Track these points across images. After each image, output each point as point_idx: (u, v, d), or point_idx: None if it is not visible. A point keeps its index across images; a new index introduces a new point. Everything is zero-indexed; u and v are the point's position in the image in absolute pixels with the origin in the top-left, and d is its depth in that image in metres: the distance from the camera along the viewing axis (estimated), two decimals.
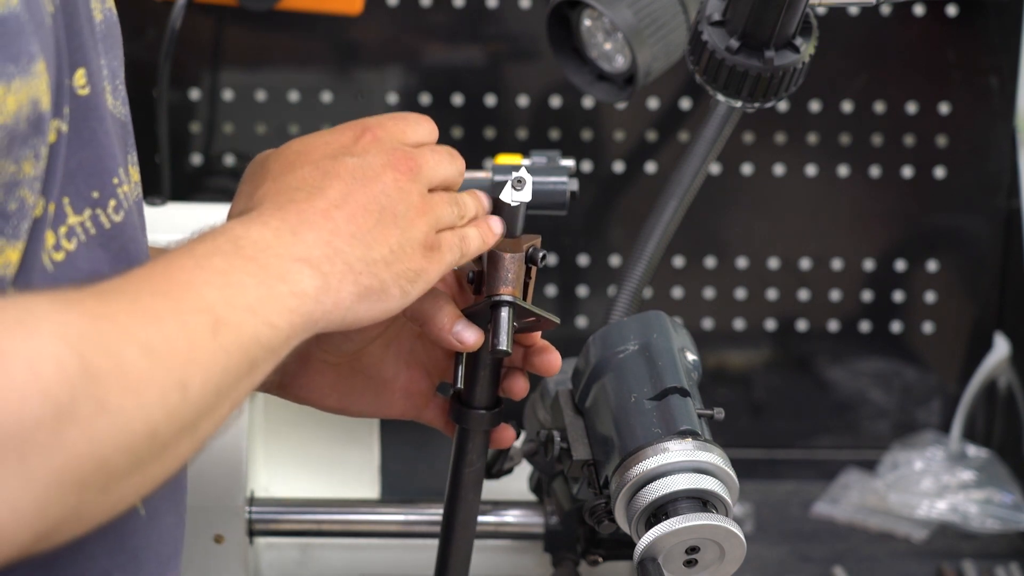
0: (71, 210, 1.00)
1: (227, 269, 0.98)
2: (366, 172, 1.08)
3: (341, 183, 1.07)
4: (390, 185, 1.08)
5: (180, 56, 1.86)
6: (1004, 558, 1.87)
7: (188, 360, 0.92)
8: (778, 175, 1.99)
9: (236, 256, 0.99)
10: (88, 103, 1.01)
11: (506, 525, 1.52)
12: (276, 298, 0.99)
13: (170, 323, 0.92)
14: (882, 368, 2.05)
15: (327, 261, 1.03)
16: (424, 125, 1.17)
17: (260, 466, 1.60)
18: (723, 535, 1.17)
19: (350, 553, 1.59)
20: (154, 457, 0.90)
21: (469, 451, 1.24)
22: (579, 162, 1.96)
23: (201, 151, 1.97)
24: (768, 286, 2.03)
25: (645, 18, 1.61)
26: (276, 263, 1.00)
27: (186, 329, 0.92)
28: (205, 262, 0.98)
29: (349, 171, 1.08)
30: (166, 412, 0.90)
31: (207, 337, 0.93)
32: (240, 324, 0.96)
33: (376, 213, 1.07)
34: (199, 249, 0.99)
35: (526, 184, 1.17)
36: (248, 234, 1.01)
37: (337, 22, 1.90)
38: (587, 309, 2.02)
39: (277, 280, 0.99)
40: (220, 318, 0.94)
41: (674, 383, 1.24)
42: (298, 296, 1.00)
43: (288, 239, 1.02)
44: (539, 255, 1.19)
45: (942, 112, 1.97)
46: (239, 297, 0.97)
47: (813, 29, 1.35)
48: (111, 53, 1.07)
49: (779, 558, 1.89)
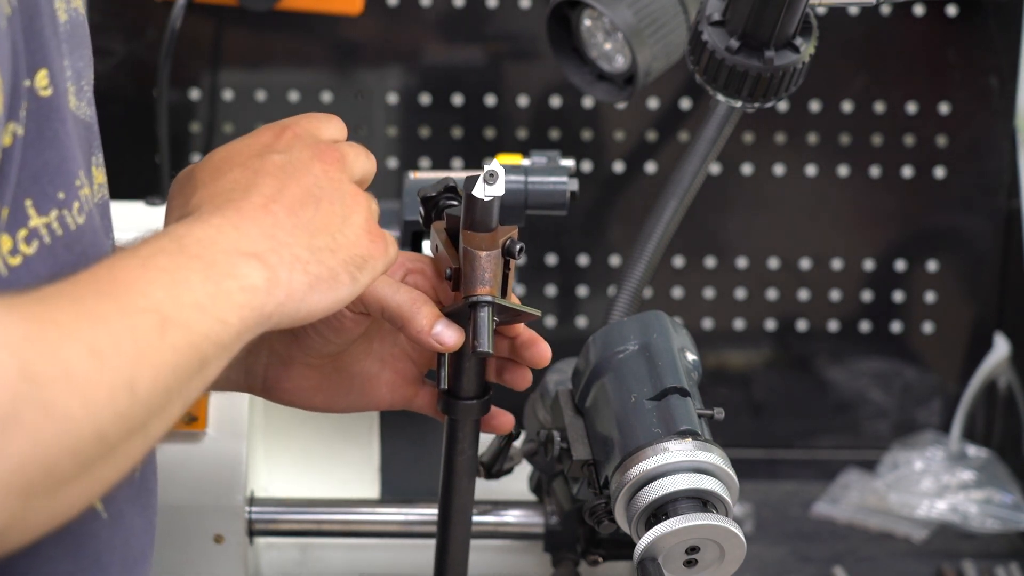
0: (34, 212, 0.99)
1: (172, 267, 0.97)
2: (295, 166, 1.08)
3: (273, 179, 1.07)
4: (320, 176, 1.08)
5: (180, 56, 1.86)
6: (1004, 558, 1.87)
7: (136, 360, 0.91)
8: (778, 175, 1.99)
9: (181, 254, 0.98)
10: (51, 104, 0.99)
11: (506, 525, 1.52)
12: (225, 294, 0.98)
13: (116, 324, 0.91)
14: (882, 368, 2.05)
15: (273, 253, 1.02)
16: (335, 123, 1.18)
17: (260, 466, 1.60)
18: (723, 535, 1.17)
19: (350, 553, 1.59)
20: (103, 459, 0.89)
21: (460, 440, 1.24)
22: (579, 162, 1.96)
23: (201, 151, 1.97)
24: (768, 286, 2.03)
25: (645, 18, 1.61)
26: (222, 259, 0.99)
27: (133, 329, 0.91)
28: (150, 262, 0.96)
29: (278, 167, 1.08)
30: (115, 413, 0.89)
31: (155, 336, 0.92)
32: (189, 322, 0.95)
33: (313, 203, 1.07)
34: (143, 250, 0.98)
35: (498, 178, 1.15)
36: (191, 232, 1.00)
37: (337, 22, 1.90)
38: (587, 309, 2.02)
39: (224, 276, 0.99)
40: (168, 317, 0.93)
41: (674, 383, 1.24)
42: (248, 291, 0.99)
43: (231, 234, 1.02)
44: (516, 248, 1.17)
45: (942, 112, 1.97)
46: (186, 295, 0.96)
47: (813, 29, 1.35)
48: (76, 54, 1.05)
49: (779, 558, 1.89)
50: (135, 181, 1.90)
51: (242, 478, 1.51)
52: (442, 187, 1.24)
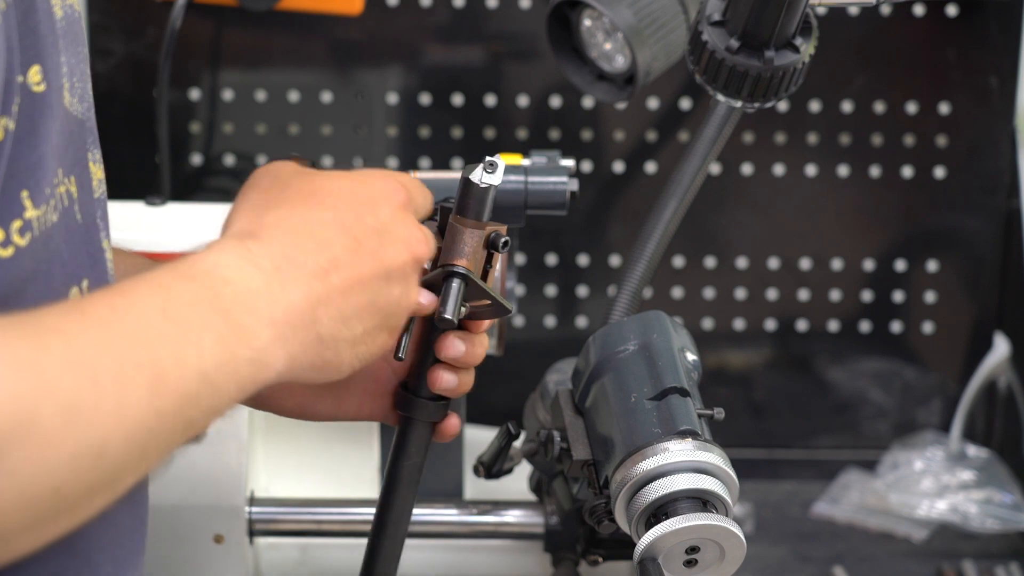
0: (31, 203, 0.97)
1: (193, 323, 0.94)
2: (383, 245, 1.05)
3: (353, 246, 1.04)
4: (397, 268, 1.06)
5: (180, 56, 1.86)
6: (1004, 558, 1.87)
7: (113, 423, 0.88)
8: (778, 175, 1.99)
9: (210, 307, 0.95)
10: (44, 100, 0.98)
11: (506, 525, 1.52)
12: (232, 362, 0.96)
13: (104, 380, 0.88)
14: (882, 368, 2.05)
15: (302, 330, 1.00)
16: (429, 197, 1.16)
17: (260, 466, 1.60)
18: (723, 535, 1.17)
19: (350, 553, 1.59)
20: (58, 515, 0.87)
21: (410, 442, 1.22)
22: (579, 162, 1.96)
23: (201, 151, 1.97)
24: (768, 286, 2.03)
25: (645, 18, 1.61)
26: (250, 322, 0.97)
27: (120, 389, 0.88)
28: (173, 310, 0.94)
29: (366, 235, 1.05)
30: (75, 473, 0.86)
31: (142, 398, 0.89)
32: (183, 386, 0.92)
33: (372, 292, 1.04)
34: (175, 290, 0.95)
35: (498, 168, 1.15)
36: (237, 279, 0.98)
37: (337, 22, 1.90)
38: (587, 309, 2.02)
39: (241, 344, 0.96)
40: (163, 378, 0.91)
41: (674, 383, 1.24)
42: (256, 364, 0.97)
43: (275, 293, 0.99)
44: (501, 240, 1.16)
45: (942, 112, 1.97)
46: (193, 358, 0.93)
47: (813, 29, 1.35)
48: (71, 50, 1.04)
49: (779, 558, 1.89)
50: (135, 181, 1.90)
51: (242, 478, 1.51)
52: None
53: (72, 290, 1.03)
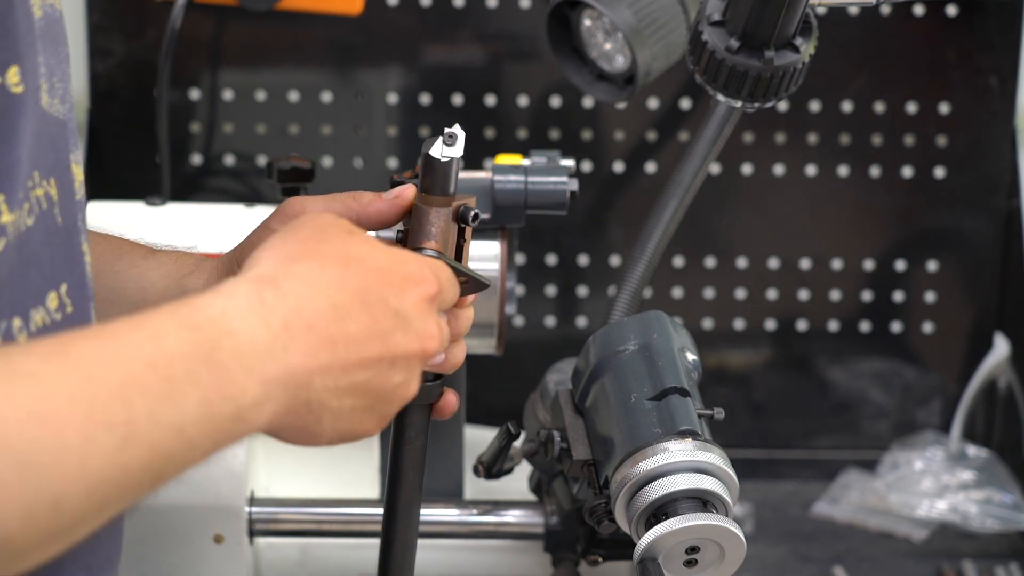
0: (6, 207, 0.95)
1: (180, 379, 0.90)
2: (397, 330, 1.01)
3: (369, 325, 1.00)
4: (403, 357, 1.02)
5: (180, 56, 1.86)
6: (1004, 558, 1.87)
7: (74, 476, 0.85)
8: (778, 175, 1.99)
9: (204, 362, 0.92)
10: (22, 101, 0.96)
11: (506, 525, 1.52)
12: (211, 419, 0.92)
13: (70, 433, 0.85)
14: (882, 368, 2.05)
15: (292, 393, 0.96)
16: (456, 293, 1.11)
17: (260, 466, 1.60)
18: (723, 535, 1.17)
19: (350, 553, 1.59)
20: (9, 563, 0.85)
21: (408, 427, 1.18)
22: (579, 162, 1.96)
23: (201, 151, 1.97)
24: (768, 286, 2.03)
25: (645, 18, 1.61)
26: (241, 379, 0.93)
27: (86, 443, 0.85)
28: (163, 364, 0.90)
29: (385, 317, 1.01)
30: (28, 526, 0.84)
31: (108, 453, 0.86)
32: (155, 443, 0.89)
33: (372, 374, 1.01)
34: (171, 340, 0.91)
35: (458, 139, 1.11)
36: (241, 332, 0.94)
37: (337, 22, 1.90)
38: (587, 309, 2.02)
39: (227, 402, 0.92)
40: (135, 434, 0.87)
41: (674, 383, 1.24)
42: (237, 421, 0.93)
43: (278, 352, 0.95)
44: (470, 213, 1.13)
45: (942, 112, 1.97)
46: (172, 414, 0.90)
47: (813, 29, 1.35)
48: (51, 50, 1.02)
49: (779, 558, 1.89)
50: (135, 181, 1.90)
51: (242, 478, 1.51)
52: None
53: (50, 294, 1.01)
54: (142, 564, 1.50)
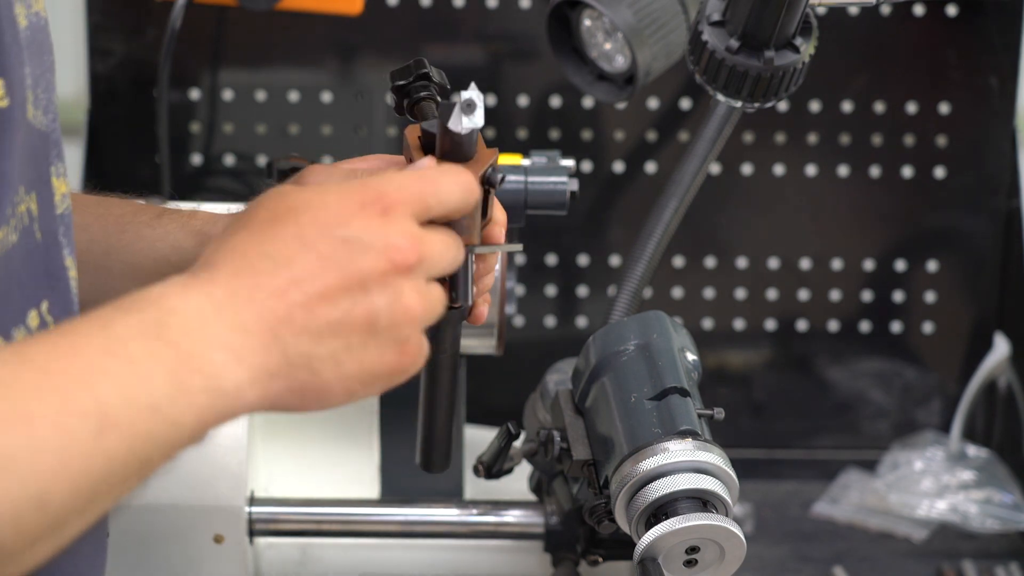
0: None
1: (140, 357, 0.88)
2: (352, 254, 0.95)
3: (319, 265, 0.94)
4: (374, 277, 0.95)
5: (180, 56, 1.86)
6: (1004, 558, 1.87)
7: (55, 471, 0.84)
8: (778, 175, 1.99)
9: (156, 340, 0.89)
10: (7, 115, 0.94)
11: (506, 525, 1.52)
12: (186, 394, 0.89)
13: (44, 428, 0.83)
14: (882, 368, 2.05)
15: (262, 351, 0.92)
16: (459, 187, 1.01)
17: (260, 466, 1.60)
18: (723, 535, 1.18)
19: (350, 553, 1.59)
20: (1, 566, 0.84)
21: (442, 339, 1.16)
22: (579, 162, 1.96)
23: (201, 151, 1.97)
24: (768, 286, 2.02)
25: (645, 18, 1.61)
26: (199, 351, 0.90)
27: (61, 435, 0.84)
28: (117, 347, 0.88)
29: (334, 251, 0.95)
30: (16, 528, 0.83)
31: (86, 442, 0.85)
32: (133, 424, 0.87)
33: (345, 305, 0.94)
34: (118, 326, 0.89)
35: (477, 107, 1.04)
36: (184, 308, 0.91)
37: (337, 22, 1.90)
38: (587, 309, 2.02)
39: (192, 372, 0.89)
40: (110, 418, 0.86)
41: (674, 383, 1.24)
42: (214, 392, 0.90)
43: (226, 321, 0.91)
44: (497, 177, 1.07)
45: (942, 112, 1.97)
46: (142, 394, 0.87)
47: (813, 29, 1.35)
48: (36, 60, 1.00)
49: (779, 558, 1.88)
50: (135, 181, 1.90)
51: (242, 478, 1.51)
52: (413, 75, 1.15)
53: (30, 313, 0.99)
54: (142, 564, 1.50)
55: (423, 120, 1.13)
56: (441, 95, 1.16)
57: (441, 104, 1.07)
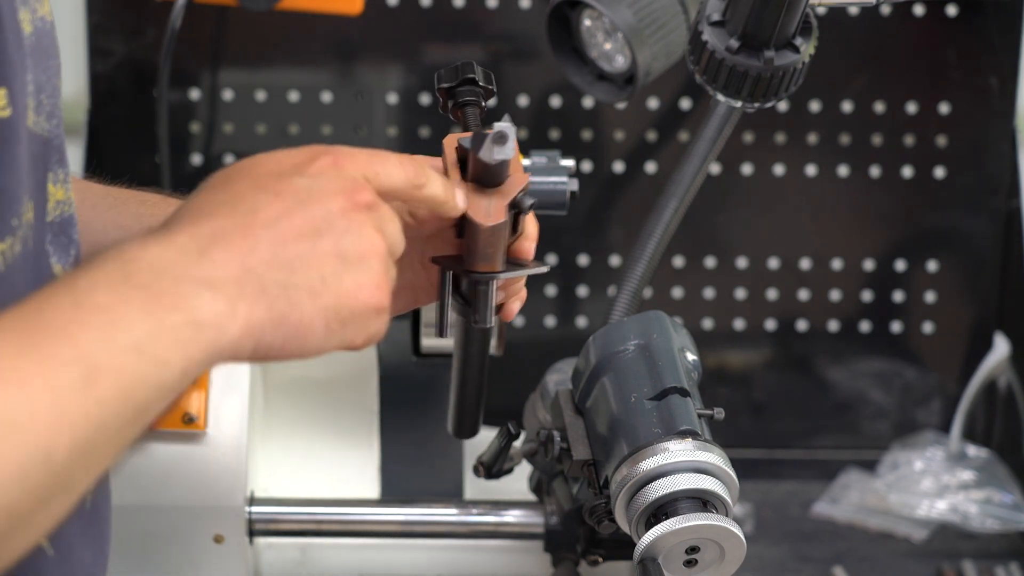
0: None
1: (110, 303, 0.88)
2: (311, 194, 0.96)
3: (278, 202, 0.95)
4: (336, 211, 0.96)
5: (180, 56, 1.86)
6: (1004, 558, 1.87)
7: (53, 424, 0.83)
8: (778, 175, 1.99)
9: (124, 284, 0.89)
10: (10, 125, 0.93)
11: (506, 525, 1.52)
12: (168, 331, 0.88)
13: (33, 385, 0.83)
14: (882, 368, 2.05)
15: (235, 283, 0.91)
16: (402, 169, 1.04)
17: (260, 466, 1.60)
18: (723, 535, 1.17)
19: (350, 553, 1.59)
20: (16, 532, 0.84)
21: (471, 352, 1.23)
22: (579, 162, 1.96)
23: (201, 151, 1.97)
24: (768, 286, 2.03)
25: (645, 18, 1.61)
26: (171, 288, 0.89)
27: (52, 389, 0.84)
28: (85, 299, 0.87)
29: (292, 191, 0.96)
30: (26, 488, 0.83)
31: (78, 392, 0.84)
32: (120, 368, 0.86)
33: (311, 237, 0.95)
34: (82, 281, 0.89)
35: (508, 139, 1.06)
36: (144, 256, 0.90)
37: (337, 22, 1.90)
38: (587, 309, 2.02)
39: (170, 309, 0.89)
40: (95, 366, 0.85)
41: (674, 383, 1.24)
42: (194, 326, 0.89)
43: (192, 258, 0.91)
44: (526, 203, 1.10)
45: (942, 112, 1.97)
46: (122, 336, 0.87)
47: (813, 29, 1.35)
48: (40, 65, 0.99)
49: (779, 558, 1.88)
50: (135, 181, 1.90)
51: (242, 478, 1.51)
52: (459, 78, 1.15)
53: None
54: (142, 564, 1.50)
55: (463, 124, 1.15)
56: (486, 98, 1.16)
57: (474, 134, 1.08)
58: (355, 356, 1.58)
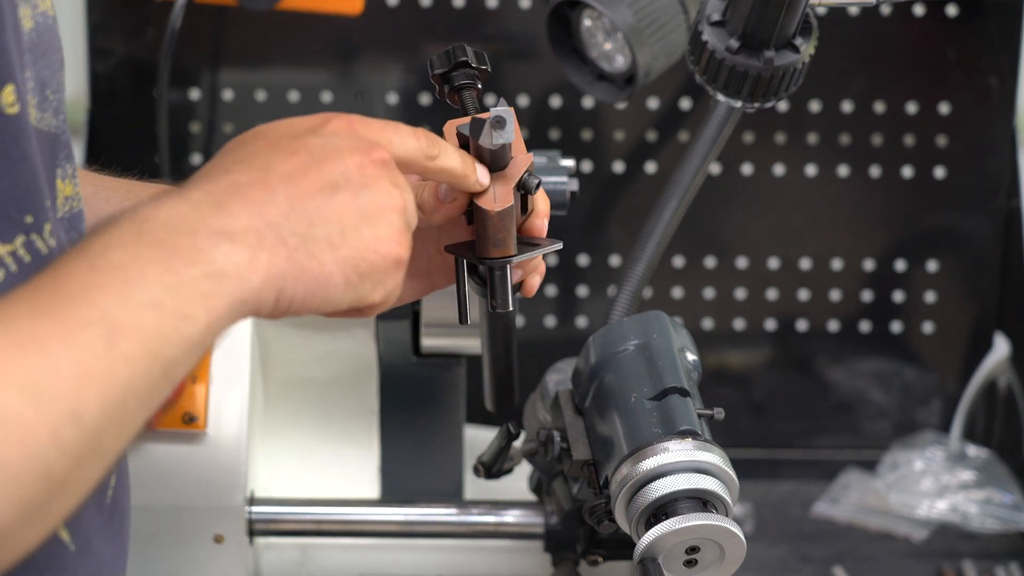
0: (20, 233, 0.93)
1: (126, 263, 0.87)
2: (327, 151, 0.96)
3: (294, 159, 0.95)
4: (352, 167, 0.97)
5: (180, 56, 1.86)
6: (1004, 558, 1.87)
7: (79, 386, 0.83)
8: (778, 175, 1.99)
9: (138, 244, 0.88)
10: (18, 121, 0.93)
11: (506, 525, 1.52)
12: (187, 285, 0.87)
13: (55, 347, 0.83)
14: (882, 368, 2.05)
15: (254, 233, 0.91)
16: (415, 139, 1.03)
17: (260, 466, 1.60)
18: (723, 535, 1.17)
19: (350, 553, 1.59)
20: (53, 497, 0.83)
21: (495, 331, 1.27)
22: (579, 162, 1.96)
23: (201, 151, 1.97)
24: (768, 286, 2.03)
25: (645, 18, 1.61)
26: (188, 242, 0.89)
27: (75, 349, 0.83)
28: (100, 260, 0.87)
29: (307, 149, 0.96)
30: (60, 449, 0.82)
31: (101, 351, 0.84)
32: (143, 325, 0.85)
33: (329, 191, 0.95)
34: (96, 244, 0.88)
35: (507, 123, 1.06)
36: (158, 214, 0.90)
37: (337, 22, 1.90)
38: (587, 309, 2.02)
39: (188, 263, 0.88)
40: (117, 324, 0.84)
41: (674, 383, 1.24)
42: (214, 277, 0.88)
43: (209, 212, 0.91)
44: (533, 183, 1.10)
45: (942, 112, 1.97)
46: (141, 293, 0.86)
47: (813, 29, 1.35)
48: (42, 61, 0.99)
49: (779, 558, 1.88)
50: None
51: (242, 478, 1.51)
52: (452, 63, 1.15)
53: None
54: (142, 564, 1.50)
55: (462, 108, 1.14)
56: (481, 78, 1.16)
57: (472, 120, 1.08)
58: (355, 356, 1.59)
